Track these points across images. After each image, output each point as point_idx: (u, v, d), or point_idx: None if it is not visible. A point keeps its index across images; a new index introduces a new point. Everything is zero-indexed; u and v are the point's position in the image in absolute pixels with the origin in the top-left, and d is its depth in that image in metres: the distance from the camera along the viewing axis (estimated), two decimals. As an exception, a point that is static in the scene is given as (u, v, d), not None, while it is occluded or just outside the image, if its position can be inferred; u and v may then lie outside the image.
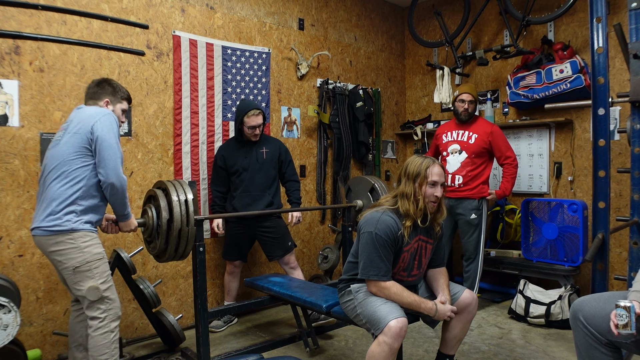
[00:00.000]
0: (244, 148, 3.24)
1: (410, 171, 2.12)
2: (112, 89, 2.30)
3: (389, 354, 1.92)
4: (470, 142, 3.53)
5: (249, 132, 3.16)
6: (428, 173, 2.08)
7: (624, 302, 1.65)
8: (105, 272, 2.14)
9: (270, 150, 3.28)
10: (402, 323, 1.93)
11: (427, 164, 2.11)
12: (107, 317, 2.11)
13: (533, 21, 3.79)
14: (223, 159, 3.23)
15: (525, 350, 2.89)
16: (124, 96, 2.34)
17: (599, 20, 2.38)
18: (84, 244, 2.07)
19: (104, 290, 2.10)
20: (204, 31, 3.43)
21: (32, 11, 2.68)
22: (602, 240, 2.37)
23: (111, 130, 2.09)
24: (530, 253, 3.71)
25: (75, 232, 2.05)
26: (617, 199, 3.57)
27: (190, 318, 3.32)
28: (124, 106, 2.35)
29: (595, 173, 2.44)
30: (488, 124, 3.58)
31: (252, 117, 3.11)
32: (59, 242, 2.04)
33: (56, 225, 2.03)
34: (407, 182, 2.12)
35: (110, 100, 2.27)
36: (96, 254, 2.11)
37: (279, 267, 3.89)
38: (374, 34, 4.72)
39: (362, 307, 2.09)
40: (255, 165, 3.22)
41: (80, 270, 2.06)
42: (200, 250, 2.50)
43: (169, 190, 2.32)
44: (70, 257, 2.05)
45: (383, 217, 2.08)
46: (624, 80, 3.52)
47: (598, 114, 2.40)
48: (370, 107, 4.50)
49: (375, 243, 2.04)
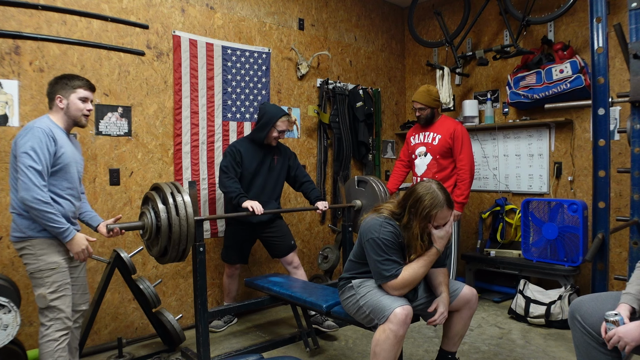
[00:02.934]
0: (260, 152, 3.18)
1: (419, 209, 2.01)
2: (64, 81, 2.17)
3: (393, 341, 1.92)
4: (434, 143, 3.52)
5: (275, 135, 3.13)
6: (437, 214, 2.00)
7: (612, 317, 1.66)
8: (57, 283, 2.10)
9: (280, 157, 3.27)
10: (407, 310, 1.94)
11: (439, 205, 1.99)
12: (52, 325, 2.08)
13: (533, 21, 3.79)
14: (240, 154, 3.12)
15: (525, 350, 2.89)
16: (77, 84, 2.18)
17: (599, 20, 2.38)
18: (40, 252, 2.08)
19: (52, 300, 2.08)
20: (204, 31, 3.43)
21: (32, 11, 2.68)
22: (602, 240, 2.37)
23: (27, 146, 2.00)
24: (530, 253, 3.71)
25: (32, 239, 2.08)
26: (617, 199, 3.57)
27: (190, 318, 3.32)
28: (81, 94, 2.18)
29: (595, 173, 2.44)
30: (452, 123, 3.53)
31: (284, 121, 3.14)
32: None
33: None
34: (413, 219, 2.04)
35: (62, 95, 2.16)
36: (50, 263, 2.09)
37: (279, 267, 3.89)
38: (374, 34, 4.72)
39: (365, 299, 2.09)
40: (268, 172, 3.20)
41: (34, 277, 2.10)
42: (201, 250, 2.50)
43: (166, 192, 2.32)
44: (26, 262, 2.11)
45: (384, 224, 2.07)
46: (624, 80, 3.52)
47: (598, 114, 2.40)
48: (370, 107, 4.50)
49: (383, 247, 2.03)
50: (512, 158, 4.24)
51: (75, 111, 2.18)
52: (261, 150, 3.19)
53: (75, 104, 2.17)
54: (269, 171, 3.21)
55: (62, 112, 2.18)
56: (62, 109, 2.17)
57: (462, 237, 4.58)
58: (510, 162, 4.26)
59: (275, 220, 3.27)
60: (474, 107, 4.36)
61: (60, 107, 2.17)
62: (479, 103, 4.41)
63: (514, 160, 4.23)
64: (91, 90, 2.24)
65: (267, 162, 3.20)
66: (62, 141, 2.14)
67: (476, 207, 4.50)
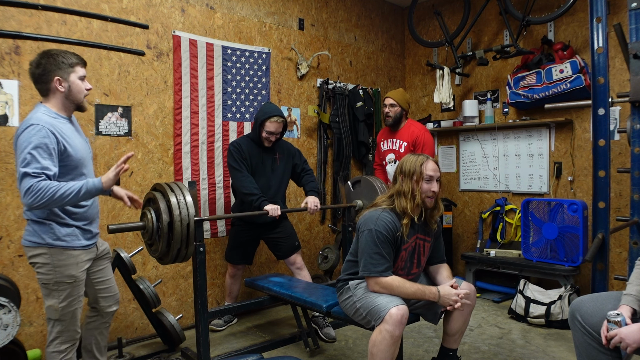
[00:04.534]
0: (261, 152, 3.12)
1: (406, 169, 2.15)
2: (58, 60, 1.88)
3: (390, 341, 1.93)
4: (401, 150, 3.54)
5: (265, 136, 3.05)
6: (423, 169, 2.12)
7: (614, 318, 1.67)
8: (71, 297, 1.97)
9: (283, 155, 3.21)
10: (402, 310, 1.94)
11: (422, 160, 2.14)
12: (59, 338, 1.99)
13: (533, 21, 3.79)
14: (242, 149, 3.06)
15: (525, 350, 2.89)
16: (74, 62, 1.93)
17: (599, 20, 2.38)
18: (57, 262, 1.92)
19: (64, 314, 1.97)
20: (204, 31, 3.43)
21: (32, 11, 2.68)
22: (602, 240, 2.37)
23: (26, 143, 1.78)
24: (530, 253, 3.70)
25: (51, 247, 1.91)
26: (617, 199, 3.57)
27: (190, 318, 3.32)
28: (80, 73, 1.94)
29: (595, 173, 2.44)
30: (416, 129, 3.53)
31: (273, 122, 3.01)
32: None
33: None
34: (404, 180, 2.14)
35: (60, 76, 1.88)
36: (68, 277, 1.94)
37: (280, 267, 3.89)
38: (374, 34, 4.72)
39: (361, 301, 2.09)
40: (271, 172, 3.16)
41: (47, 287, 1.95)
42: (201, 250, 2.50)
43: (167, 192, 2.32)
44: (40, 272, 1.95)
45: (382, 215, 2.10)
46: (624, 80, 3.52)
47: (598, 114, 2.40)
48: (370, 107, 4.50)
49: (376, 240, 2.06)
50: (512, 158, 4.24)
51: (78, 93, 1.94)
52: (259, 149, 3.13)
53: (77, 85, 1.92)
54: (272, 171, 3.17)
55: (62, 96, 1.91)
56: (62, 93, 1.91)
57: (462, 237, 4.59)
58: (510, 162, 4.26)
59: (281, 221, 3.23)
60: (474, 107, 4.36)
61: (61, 90, 1.90)
62: (479, 103, 4.41)
63: (514, 160, 4.23)
64: (85, 66, 2.00)
65: (269, 162, 3.16)
66: (67, 133, 1.91)
67: (476, 207, 4.50)
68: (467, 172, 4.57)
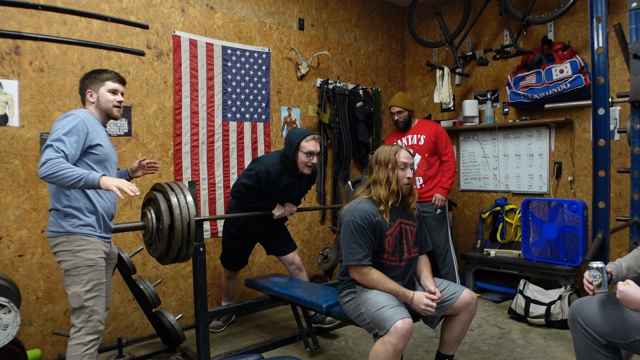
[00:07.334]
0: (293, 180, 2.95)
1: (381, 159, 2.24)
2: (93, 76, 2.19)
3: (392, 354, 1.92)
4: (420, 143, 3.67)
5: (305, 159, 2.83)
6: (397, 157, 2.21)
7: (596, 264, 1.74)
8: (93, 281, 2.05)
9: (306, 182, 3.10)
10: (408, 324, 1.93)
11: (395, 149, 2.25)
12: (83, 328, 2.02)
13: (533, 21, 3.79)
14: (270, 182, 2.87)
15: (525, 350, 2.89)
16: (106, 77, 2.19)
17: (599, 20, 2.38)
18: (77, 248, 2.04)
19: (87, 300, 2.02)
20: (204, 31, 3.43)
21: (32, 11, 2.68)
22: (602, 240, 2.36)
23: (59, 128, 1.99)
24: (530, 253, 3.70)
25: (70, 234, 2.05)
26: (617, 199, 3.57)
27: (190, 318, 3.32)
28: (110, 86, 2.18)
29: (595, 173, 2.44)
30: (432, 124, 3.76)
31: (310, 141, 2.84)
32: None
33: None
34: (380, 169, 2.24)
35: (91, 89, 2.17)
36: (88, 260, 2.05)
37: (279, 267, 3.89)
38: (374, 34, 4.72)
39: (365, 306, 2.09)
40: (289, 189, 3.00)
41: (69, 274, 2.04)
42: (201, 251, 2.50)
43: (168, 192, 2.32)
44: (62, 259, 2.06)
45: (359, 206, 2.18)
46: (624, 80, 3.52)
47: (598, 114, 2.40)
48: (370, 107, 4.50)
49: (353, 230, 2.11)
50: (512, 158, 4.24)
51: (106, 103, 2.18)
52: (292, 178, 2.95)
53: (105, 96, 2.18)
54: (292, 197, 3.08)
55: (93, 105, 2.19)
56: (93, 103, 2.18)
57: (462, 237, 4.59)
58: (510, 162, 4.26)
59: (278, 222, 3.19)
60: (474, 107, 4.36)
61: (91, 101, 2.18)
62: (479, 103, 4.41)
63: (514, 160, 4.23)
64: (120, 83, 2.24)
65: (294, 188, 3.02)
66: (99, 130, 2.14)
67: (476, 207, 4.50)
68: (467, 172, 4.57)
